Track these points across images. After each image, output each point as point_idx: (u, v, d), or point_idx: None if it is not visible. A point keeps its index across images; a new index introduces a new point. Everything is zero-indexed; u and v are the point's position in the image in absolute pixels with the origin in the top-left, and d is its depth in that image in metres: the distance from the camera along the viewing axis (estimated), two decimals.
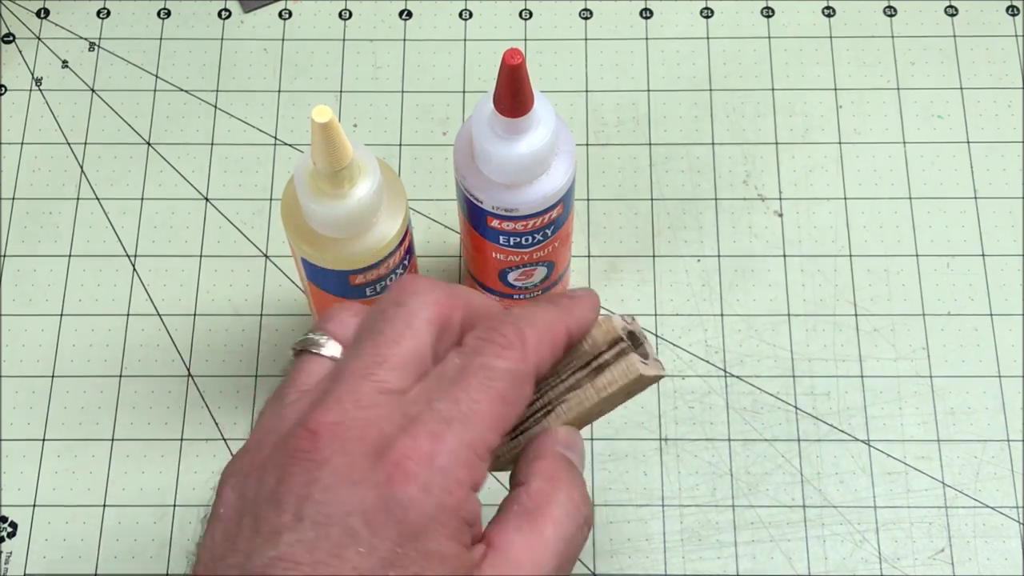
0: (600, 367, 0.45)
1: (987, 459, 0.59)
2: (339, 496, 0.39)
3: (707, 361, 0.61)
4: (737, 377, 0.60)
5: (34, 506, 0.58)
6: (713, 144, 0.65)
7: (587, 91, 0.67)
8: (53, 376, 0.61)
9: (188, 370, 0.61)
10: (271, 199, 0.65)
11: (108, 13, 0.69)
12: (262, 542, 0.40)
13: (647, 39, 0.68)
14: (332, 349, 0.43)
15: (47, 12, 0.69)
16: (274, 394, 0.44)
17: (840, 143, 0.65)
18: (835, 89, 0.67)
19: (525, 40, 0.68)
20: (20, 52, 0.68)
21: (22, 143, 0.66)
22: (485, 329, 0.42)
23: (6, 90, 0.67)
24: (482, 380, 0.41)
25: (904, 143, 0.65)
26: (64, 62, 0.68)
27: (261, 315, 0.62)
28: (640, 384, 0.46)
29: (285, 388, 0.43)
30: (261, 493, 0.41)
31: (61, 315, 0.62)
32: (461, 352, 0.42)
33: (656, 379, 0.46)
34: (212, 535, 0.42)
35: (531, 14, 0.69)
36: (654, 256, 0.63)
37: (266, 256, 0.63)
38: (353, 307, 0.44)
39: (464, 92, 0.67)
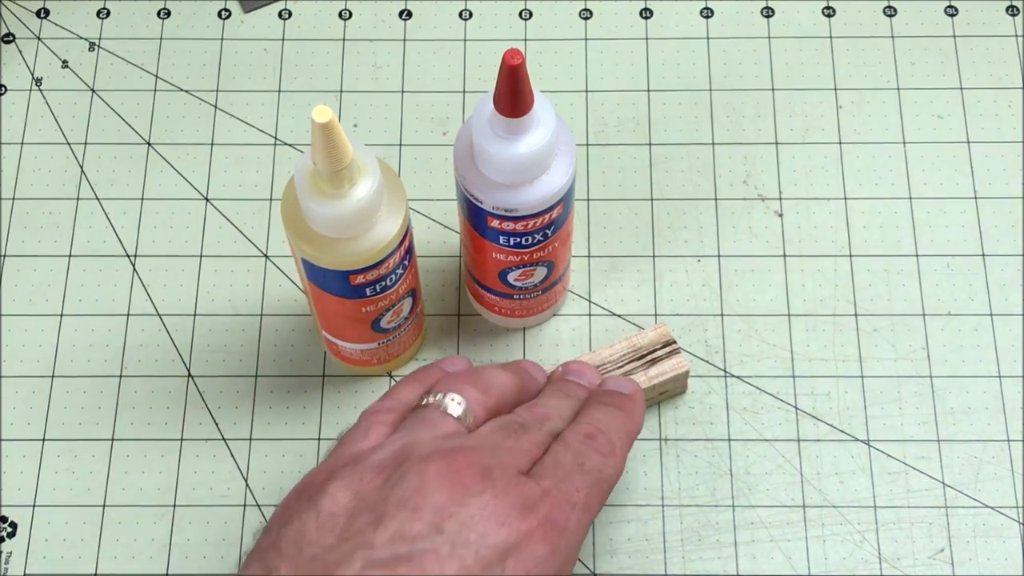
0: (653, 360, 0.58)
1: (987, 459, 0.59)
2: (485, 527, 0.44)
3: (707, 361, 0.61)
4: (737, 377, 0.60)
5: (34, 506, 0.58)
6: (713, 144, 0.65)
7: (587, 91, 0.67)
8: (53, 376, 0.61)
9: (188, 370, 0.61)
10: (271, 199, 0.65)
11: (108, 13, 0.69)
12: (387, 539, 0.43)
13: (647, 39, 0.68)
14: (462, 413, 0.50)
15: (47, 12, 0.69)
16: (401, 430, 0.50)
17: (840, 143, 0.65)
18: (835, 89, 0.67)
19: (525, 40, 0.68)
20: (20, 52, 0.68)
21: (22, 143, 0.66)
22: (584, 435, 0.50)
23: (6, 90, 0.67)
24: (595, 480, 0.48)
25: (904, 143, 0.65)
26: (64, 62, 0.68)
27: (261, 315, 0.62)
28: (679, 382, 0.59)
29: (420, 427, 0.49)
30: (391, 496, 0.45)
31: (61, 315, 0.62)
32: (568, 448, 0.49)
33: (686, 381, 0.59)
34: (304, 526, 0.45)
35: (531, 14, 0.69)
36: (654, 256, 0.63)
37: (266, 256, 0.63)
38: (480, 382, 0.51)
39: (464, 92, 0.67)
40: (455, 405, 0.50)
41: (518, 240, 0.54)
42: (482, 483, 0.45)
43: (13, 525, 0.58)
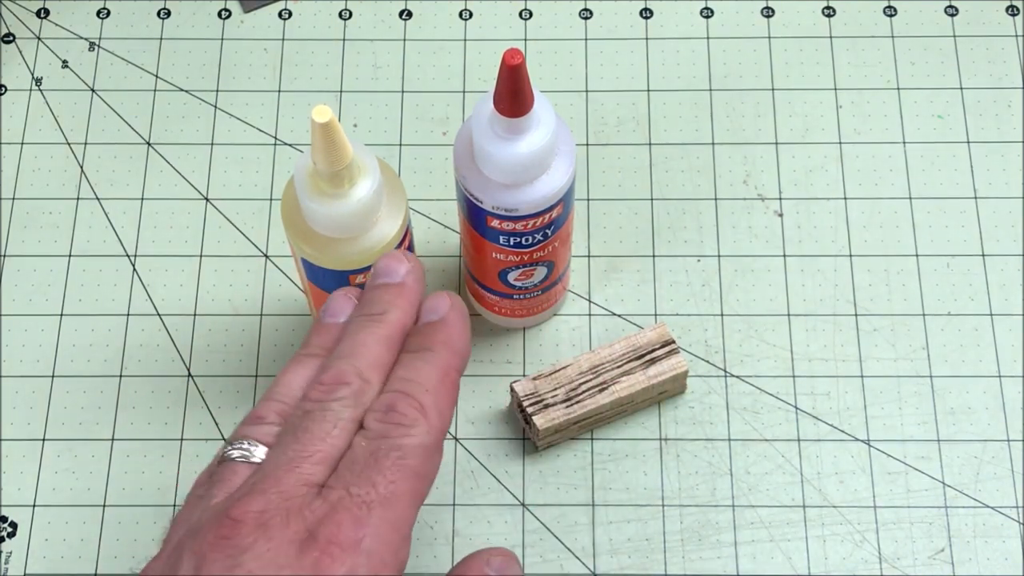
0: (652, 360, 0.58)
1: (987, 459, 0.59)
2: None
3: (707, 361, 0.61)
4: (737, 377, 0.60)
5: (34, 506, 0.58)
6: (713, 144, 0.65)
7: (587, 91, 0.67)
8: (53, 376, 0.61)
9: (188, 370, 0.61)
10: (271, 199, 0.65)
11: (108, 13, 0.69)
12: None
13: (647, 39, 0.68)
14: (261, 454, 0.44)
15: (47, 12, 0.69)
16: (193, 497, 0.44)
17: (840, 143, 0.65)
18: (835, 89, 0.67)
19: (525, 40, 0.68)
20: (20, 52, 0.68)
21: (22, 143, 0.66)
22: (383, 410, 0.44)
23: (6, 90, 0.67)
24: (395, 460, 0.43)
25: (904, 143, 0.65)
26: (64, 62, 0.68)
27: (261, 315, 0.62)
28: (678, 382, 0.59)
29: (212, 490, 0.44)
30: None
31: (61, 315, 0.62)
32: (366, 436, 0.43)
33: (685, 381, 0.59)
34: None
35: (531, 14, 0.69)
36: (654, 256, 0.63)
37: (266, 256, 0.63)
38: (271, 410, 0.45)
39: (464, 92, 0.67)
40: (251, 452, 0.44)
41: (518, 240, 0.54)
42: (252, 534, 0.41)
43: (13, 525, 0.58)
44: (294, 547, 0.41)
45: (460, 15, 0.69)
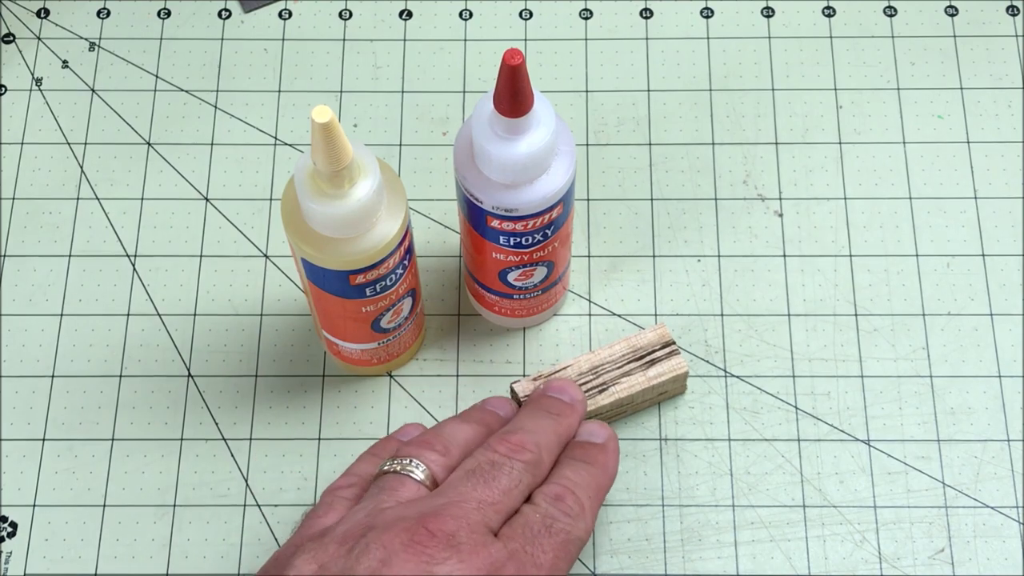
0: (652, 361, 0.58)
1: (987, 459, 0.59)
2: None
3: (707, 361, 0.61)
4: (737, 377, 0.60)
5: (34, 506, 0.58)
6: (713, 144, 0.65)
7: (587, 91, 0.67)
8: (53, 376, 0.61)
9: (188, 370, 0.61)
10: (271, 199, 0.65)
11: (108, 13, 0.69)
12: None
13: (647, 39, 0.68)
14: (424, 476, 0.50)
15: (47, 12, 0.69)
16: (338, 498, 0.51)
17: (840, 143, 0.65)
18: (835, 89, 0.67)
19: (525, 40, 0.68)
20: (20, 52, 0.68)
21: (22, 143, 0.66)
22: (553, 497, 0.50)
23: (6, 90, 0.67)
24: (563, 541, 0.49)
25: (904, 143, 0.65)
26: (64, 62, 0.68)
27: (261, 315, 0.62)
28: (678, 383, 0.59)
29: (381, 495, 0.49)
30: (357, 567, 0.45)
31: (61, 315, 0.62)
32: (537, 510, 0.49)
33: (685, 382, 0.59)
34: None
35: (531, 14, 0.69)
36: (654, 256, 0.63)
37: (266, 256, 0.63)
38: (439, 442, 0.51)
39: (464, 92, 0.67)
40: (415, 470, 0.50)
41: (518, 240, 0.54)
42: (447, 550, 0.46)
43: (13, 525, 0.58)
44: (482, 572, 0.46)
45: (460, 15, 0.69)
